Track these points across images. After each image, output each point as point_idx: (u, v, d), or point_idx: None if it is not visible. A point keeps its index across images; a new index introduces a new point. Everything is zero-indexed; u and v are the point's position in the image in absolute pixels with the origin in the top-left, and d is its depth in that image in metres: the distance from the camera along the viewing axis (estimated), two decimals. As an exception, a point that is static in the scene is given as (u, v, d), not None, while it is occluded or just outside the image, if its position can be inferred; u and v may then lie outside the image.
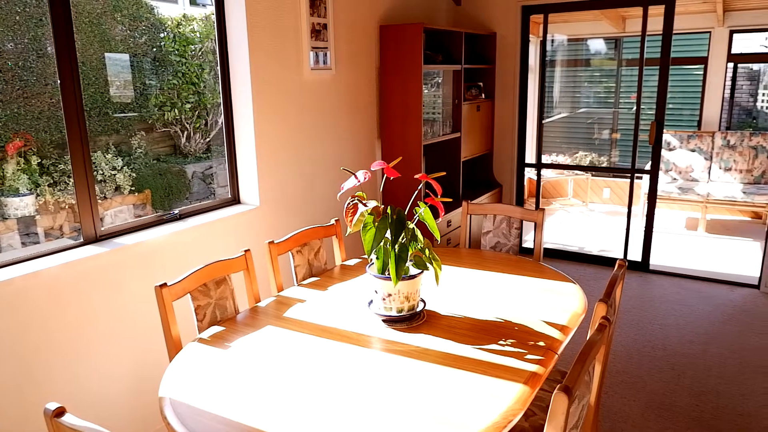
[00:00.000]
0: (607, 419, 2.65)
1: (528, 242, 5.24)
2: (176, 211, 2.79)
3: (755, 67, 6.88)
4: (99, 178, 3.83)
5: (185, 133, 4.62)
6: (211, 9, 3.07)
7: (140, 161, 4.19)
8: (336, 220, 2.65)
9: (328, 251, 2.73)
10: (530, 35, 4.85)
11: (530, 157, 5.15)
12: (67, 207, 3.50)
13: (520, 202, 5.14)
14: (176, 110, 4.48)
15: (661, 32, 4.21)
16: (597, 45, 7.39)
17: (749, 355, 3.22)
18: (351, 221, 1.84)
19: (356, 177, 1.86)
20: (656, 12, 4.22)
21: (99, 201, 2.94)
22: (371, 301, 2.02)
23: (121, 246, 2.40)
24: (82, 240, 2.39)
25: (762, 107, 7.01)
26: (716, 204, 5.68)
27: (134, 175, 4.06)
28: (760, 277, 4.16)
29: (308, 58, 3.29)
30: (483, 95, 4.76)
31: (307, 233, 2.51)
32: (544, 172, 6.75)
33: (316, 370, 1.64)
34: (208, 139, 4.79)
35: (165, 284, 1.87)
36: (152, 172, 4.25)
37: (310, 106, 3.38)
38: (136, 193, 4.07)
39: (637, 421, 2.64)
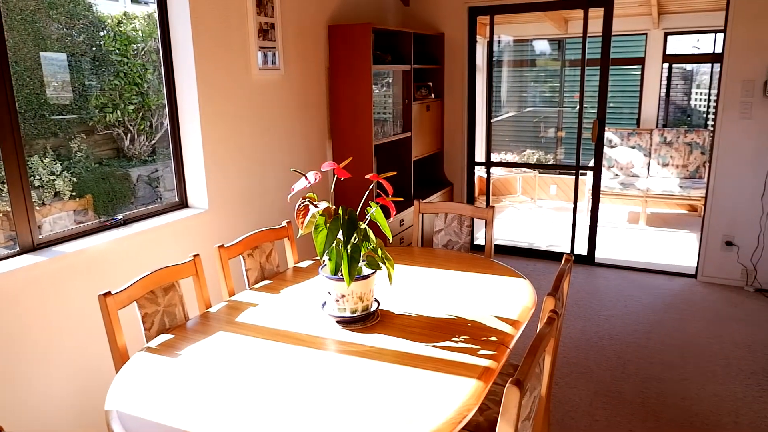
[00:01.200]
0: (558, 409, 2.73)
1: (479, 239, 5.33)
2: (120, 217, 2.69)
3: (688, 67, 7.23)
4: (36, 183, 3.65)
5: (129, 135, 4.46)
6: (153, 7, 2.98)
7: (81, 165, 4.02)
8: (288, 222, 2.62)
9: (280, 254, 2.70)
10: (477, 36, 4.94)
11: (480, 155, 5.24)
12: (0, 215, 3.32)
13: (470, 200, 5.22)
14: (119, 112, 4.32)
15: (601, 34, 4.37)
16: (541, 46, 7.60)
17: (688, 341, 3.39)
18: (302, 223, 1.82)
19: (306, 178, 1.84)
20: (596, 14, 4.38)
21: (37, 208, 2.80)
22: (325, 302, 2.01)
23: (60, 254, 2.29)
24: (18, 249, 2.27)
25: (695, 105, 7.37)
26: (655, 198, 5.94)
27: (74, 179, 3.89)
28: (697, 267, 4.38)
29: (256, 58, 3.24)
30: (432, 95, 4.81)
31: (258, 236, 2.47)
32: (493, 170, 6.89)
33: (270, 374, 1.62)
34: (153, 142, 4.65)
35: (109, 293, 1.80)
36: (94, 177, 4.08)
37: (259, 107, 3.33)
38: (77, 199, 3.90)
39: (586, 409, 2.73)
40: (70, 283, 2.33)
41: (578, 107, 4.65)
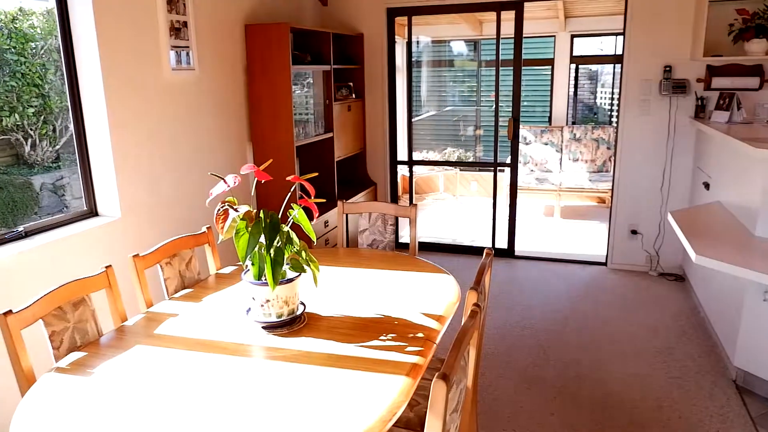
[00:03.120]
0: (486, 398, 2.82)
1: (404, 237, 5.41)
2: (21, 229, 2.50)
3: (594, 68, 7.68)
4: None
5: (29, 140, 4.14)
6: (53, 2, 2.78)
7: (-26, 174, 3.68)
8: (208, 228, 2.54)
9: (201, 261, 2.60)
10: (396, 36, 5.00)
11: (402, 154, 5.31)
12: None
13: (394, 198, 5.28)
14: (17, 115, 4.00)
15: (513, 36, 4.56)
16: (459, 47, 7.81)
17: (601, 325, 3.60)
18: (222, 228, 1.77)
19: (225, 182, 1.79)
20: (508, 17, 4.55)
21: None
22: (249, 308, 1.96)
23: (-48, 272, 2.10)
24: None
25: (600, 103, 7.85)
26: (568, 192, 6.27)
27: (-33, 190, 3.56)
28: (607, 255, 4.66)
29: (168, 58, 3.11)
30: (353, 95, 4.82)
31: (177, 243, 2.37)
32: (416, 168, 7.01)
33: (193, 387, 1.56)
34: (57, 147, 4.34)
35: (10, 311, 1.67)
36: (-10, 186, 3.75)
37: (173, 109, 3.20)
38: (-29, 211, 3.58)
39: (511, 397, 2.83)
40: (-36, 302, 2.13)
41: (494, 106, 4.81)
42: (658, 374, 3.02)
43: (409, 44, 5.01)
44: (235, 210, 1.79)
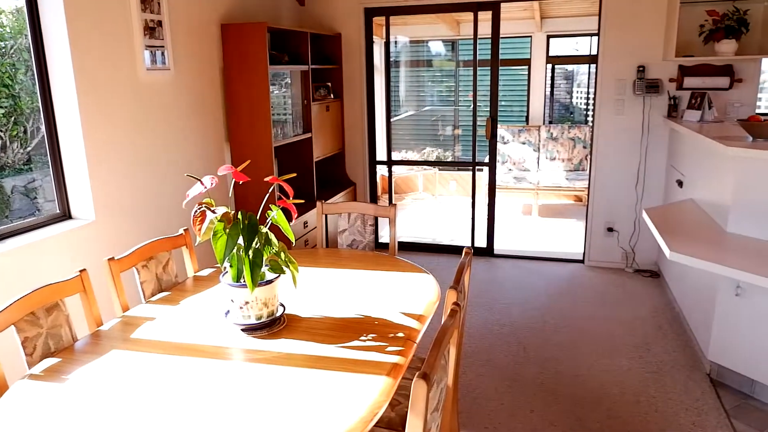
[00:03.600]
0: (466, 397, 2.83)
1: (384, 237, 5.41)
2: (-9, 232, 2.44)
3: (569, 67, 7.78)
4: None
5: (0, 142, 4.04)
6: (22, 0, 2.72)
7: (-59, 177, 3.58)
8: (185, 230, 2.51)
9: (178, 263, 2.57)
10: (374, 36, 5.00)
11: (381, 154, 5.31)
12: None
13: (373, 199, 5.28)
14: (-14, 116, 3.90)
15: (490, 36, 4.59)
16: (437, 47, 7.84)
17: (579, 322, 3.65)
18: (200, 230, 1.75)
19: (202, 183, 1.77)
20: (485, 17, 4.59)
21: None
22: (228, 311, 1.94)
23: None
24: None
25: (576, 103, 7.95)
26: (545, 190, 6.34)
27: (-66, 193, 3.46)
28: (584, 253, 4.73)
29: (143, 58, 3.06)
30: (332, 95, 4.80)
31: (153, 246, 2.33)
32: (395, 168, 7.01)
33: (172, 391, 1.54)
34: (28, 149, 4.24)
35: (-20, 317, 1.62)
36: (-42, 189, 3.65)
37: (148, 109, 3.15)
38: (-62, 215, 3.48)
39: (492, 395, 2.85)
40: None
41: (472, 106, 4.85)
42: (635, 369, 3.07)
43: (387, 44, 5.02)
44: (213, 212, 1.77)
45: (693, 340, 3.32)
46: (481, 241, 5.04)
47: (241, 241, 1.76)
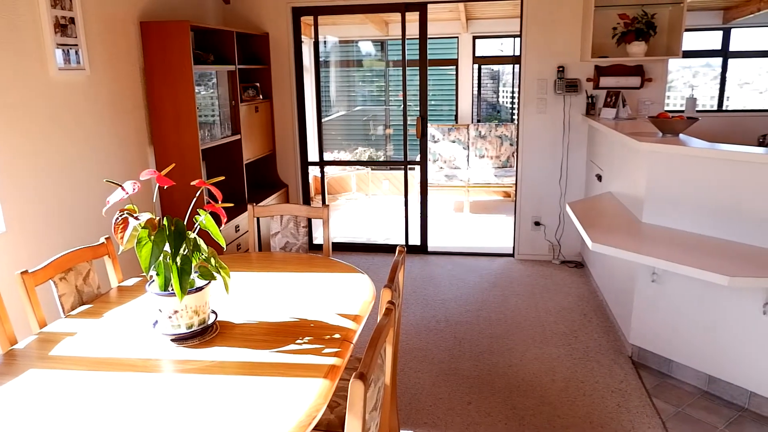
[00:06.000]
0: (405, 394, 2.86)
1: (318, 239, 5.37)
2: None
3: (495, 67, 8.02)
4: None
5: None
6: None
7: None
8: (106, 238, 2.38)
9: (101, 274, 2.44)
10: (303, 36, 4.94)
11: (313, 155, 5.27)
12: None
13: (306, 200, 5.23)
14: None
15: (418, 36, 4.65)
16: (366, 47, 7.87)
17: (511, 314, 3.77)
18: (122, 238, 1.67)
19: (123, 189, 1.69)
20: (413, 18, 4.64)
21: None
22: (156, 321, 1.86)
23: None
24: None
25: (503, 102, 8.21)
26: (476, 187, 6.51)
27: None
28: (514, 247, 4.89)
29: (54, 57, 2.88)
30: (261, 96, 4.71)
31: (72, 256, 2.20)
32: (327, 169, 6.98)
33: (99, 408, 1.45)
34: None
35: None
36: None
37: (63, 112, 2.97)
38: None
39: (430, 390, 2.89)
40: None
41: (403, 105, 4.90)
42: (564, 356, 3.21)
43: (316, 44, 4.98)
44: (136, 218, 1.69)
45: (615, 325, 3.51)
46: (415, 239, 5.10)
47: (167, 248, 1.69)
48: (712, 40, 6.87)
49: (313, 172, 6.26)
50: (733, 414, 2.64)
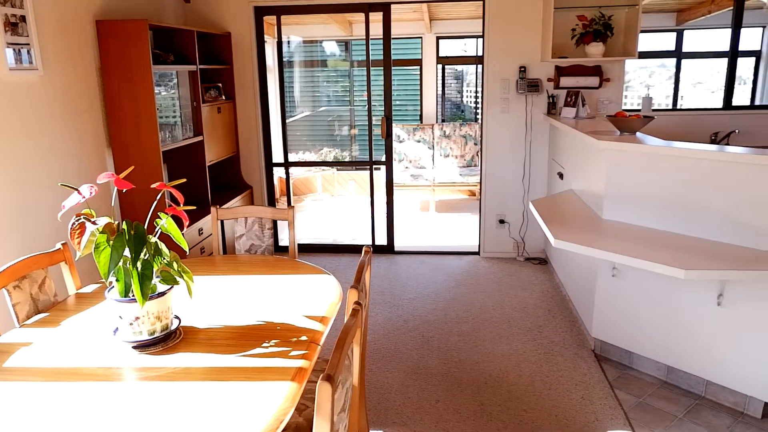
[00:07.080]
0: (374, 394, 2.86)
1: (283, 241, 5.32)
2: None
3: (459, 68, 8.10)
4: None
5: None
6: None
7: None
8: (63, 244, 2.30)
9: (57, 281, 2.35)
10: (266, 36, 4.89)
11: (278, 156, 5.22)
12: None
13: (271, 201, 5.18)
14: None
15: (381, 37, 4.66)
16: (330, 47, 7.84)
17: (478, 311, 3.81)
18: (79, 243, 1.62)
19: (80, 192, 1.64)
20: (377, 18, 4.65)
21: None
22: (117, 328, 1.81)
23: None
24: None
25: (466, 102, 8.30)
26: (441, 186, 6.56)
27: None
28: (479, 245, 4.95)
29: (4, 57, 2.77)
30: (223, 96, 4.64)
31: (25, 264, 2.12)
32: (292, 170, 6.92)
33: (57, 421, 1.40)
34: None
35: None
36: None
37: (14, 114, 2.86)
38: None
39: (399, 389, 2.90)
40: None
41: (367, 106, 4.89)
42: (529, 352, 3.26)
43: (279, 44, 4.93)
44: (93, 223, 1.64)
45: (579, 319, 3.59)
46: (381, 239, 5.10)
47: (127, 252, 1.65)
48: (667, 41, 7.11)
49: (278, 173, 6.21)
50: (690, 402, 2.74)
